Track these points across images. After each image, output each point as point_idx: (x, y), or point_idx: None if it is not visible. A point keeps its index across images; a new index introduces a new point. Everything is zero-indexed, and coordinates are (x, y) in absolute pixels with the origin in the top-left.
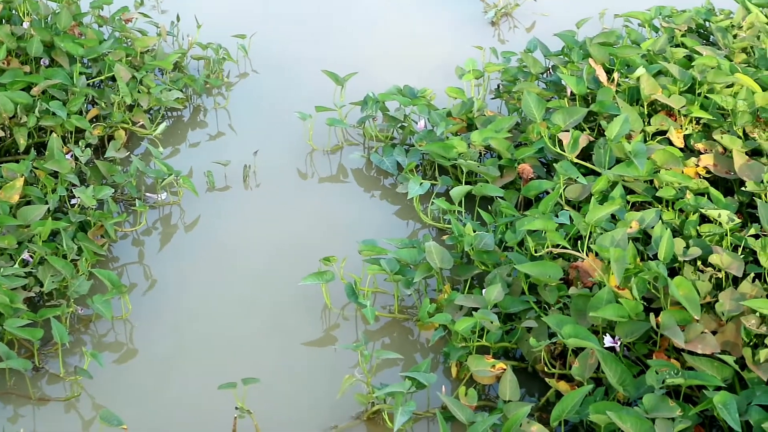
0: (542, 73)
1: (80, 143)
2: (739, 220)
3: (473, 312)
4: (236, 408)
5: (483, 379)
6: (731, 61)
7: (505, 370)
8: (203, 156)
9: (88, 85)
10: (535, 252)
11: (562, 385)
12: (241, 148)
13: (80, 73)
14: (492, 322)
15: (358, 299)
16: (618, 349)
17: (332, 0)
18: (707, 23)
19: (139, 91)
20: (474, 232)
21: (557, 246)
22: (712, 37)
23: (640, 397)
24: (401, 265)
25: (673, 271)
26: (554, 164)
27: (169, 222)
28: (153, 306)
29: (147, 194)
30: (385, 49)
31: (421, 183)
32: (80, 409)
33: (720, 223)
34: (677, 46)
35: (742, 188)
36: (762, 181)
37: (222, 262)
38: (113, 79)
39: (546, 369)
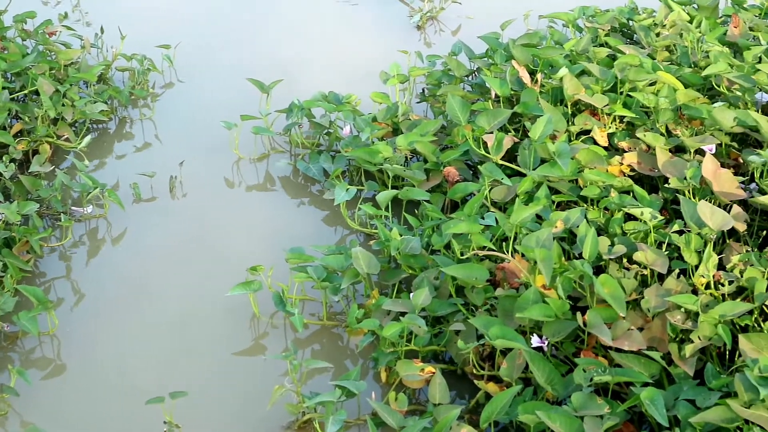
0: (467, 76)
1: (4, 158)
2: (663, 217)
3: (401, 316)
4: (164, 422)
5: (412, 383)
6: (654, 59)
7: (434, 373)
8: (129, 168)
9: (12, 99)
10: (462, 254)
11: (491, 387)
12: (167, 158)
13: (3, 88)
14: (420, 327)
15: (286, 308)
16: (546, 348)
17: (257, 7)
18: (630, 22)
19: (63, 105)
20: (400, 236)
21: (483, 248)
22: (635, 36)
23: (569, 395)
24: (328, 271)
25: (600, 270)
26: (480, 166)
27: (96, 236)
28: (81, 321)
29: (73, 208)
30: (310, 56)
31: (348, 189)
32: (8, 426)
33: (644, 221)
34: (601, 45)
35: (666, 185)
36: (685, 178)
37: (149, 274)
38: (37, 93)
39: (475, 371)
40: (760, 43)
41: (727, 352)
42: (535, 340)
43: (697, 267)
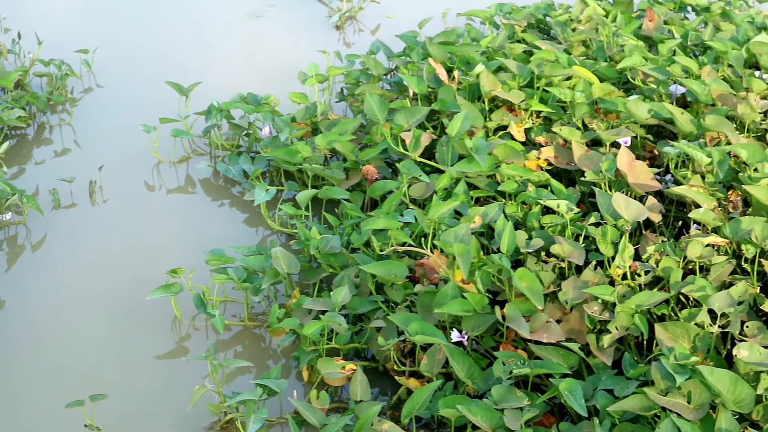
0: (385, 75)
1: None
2: (579, 210)
3: (321, 315)
4: (85, 426)
5: (334, 381)
6: (570, 54)
7: (355, 370)
8: (49, 174)
9: None
10: (381, 251)
11: (412, 382)
12: (86, 164)
13: None
14: (340, 324)
15: (206, 309)
16: (466, 343)
17: (175, 11)
18: (547, 18)
19: None
20: (320, 235)
21: (403, 244)
22: (552, 31)
23: (490, 389)
24: (249, 272)
25: (519, 264)
26: (398, 164)
27: (15, 242)
28: (0, 327)
29: None
30: (229, 58)
31: (267, 189)
32: None
33: (561, 214)
34: (518, 42)
35: (582, 178)
36: (601, 171)
37: (70, 279)
38: None
39: (396, 367)
40: (674, 36)
41: (645, 342)
42: (454, 335)
43: (613, 258)
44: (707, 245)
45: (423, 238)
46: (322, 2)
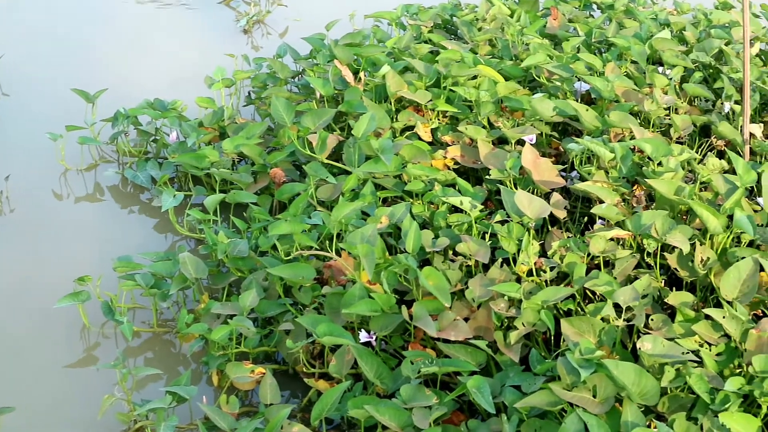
0: (293, 78)
1: None
2: (483, 208)
3: (230, 319)
4: None
5: (243, 385)
6: (476, 53)
7: (264, 374)
8: None
9: None
10: (287, 255)
11: (322, 384)
12: None
13: None
14: (248, 328)
15: (114, 316)
16: (374, 343)
17: (80, 17)
18: (454, 18)
19: None
20: (228, 239)
21: (310, 248)
22: (459, 31)
23: (399, 388)
24: (157, 278)
25: (427, 263)
26: (305, 166)
27: None
28: None
29: None
30: (136, 63)
31: (175, 195)
32: None
33: (468, 213)
34: (425, 42)
35: (488, 176)
36: (506, 169)
37: None
38: None
39: (305, 369)
40: (579, 34)
41: (552, 337)
42: (363, 336)
43: (519, 255)
44: (611, 240)
45: (330, 240)
46: (230, 7)
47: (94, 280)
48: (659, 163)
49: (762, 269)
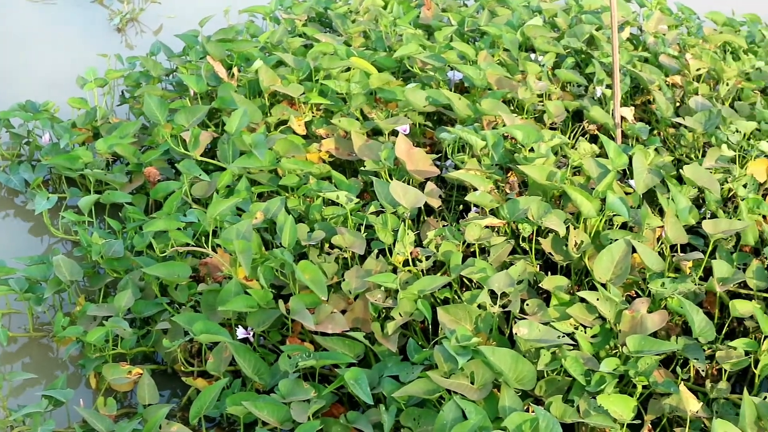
0: (167, 75)
1: None
2: (358, 200)
3: (105, 321)
4: None
5: (121, 386)
6: (350, 46)
7: (141, 374)
8: None
9: None
10: (162, 253)
11: (200, 382)
12: None
13: None
14: (124, 329)
15: None
16: (252, 339)
17: None
18: (328, 11)
19: None
20: (102, 240)
21: (187, 245)
22: (333, 24)
23: (277, 383)
24: (31, 282)
25: (304, 257)
26: (178, 164)
27: None
28: None
29: None
30: (7, 65)
31: (48, 197)
32: None
33: (343, 205)
34: (299, 36)
35: (362, 168)
36: (380, 160)
37: None
38: None
39: (184, 368)
40: (452, 23)
41: (430, 326)
42: (240, 332)
43: (394, 245)
44: (486, 227)
45: (206, 237)
46: (104, 5)
47: None
48: (531, 149)
49: (634, 251)
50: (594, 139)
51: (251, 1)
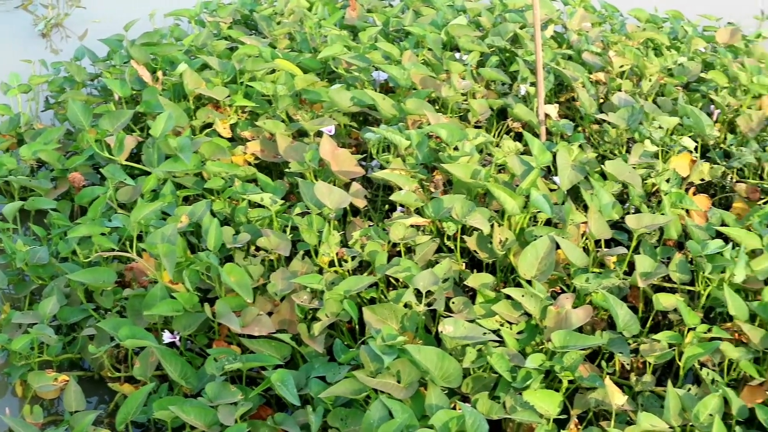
0: (92, 80)
1: None
2: (283, 202)
3: (30, 328)
4: None
5: (47, 394)
6: (275, 48)
7: (68, 381)
8: None
9: None
10: (86, 259)
11: (127, 388)
12: None
13: None
14: (50, 336)
15: None
16: (178, 343)
17: None
18: (253, 13)
19: None
20: (27, 247)
21: (112, 250)
22: (259, 26)
23: (204, 387)
24: None
25: (230, 260)
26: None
27: None
28: None
29: None
30: None
31: None
32: None
33: (268, 207)
34: (225, 38)
35: (287, 169)
36: (305, 161)
37: None
38: None
39: (110, 374)
40: (377, 23)
41: (357, 326)
42: (166, 336)
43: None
44: (411, 226)
45: (132, 242)
46: (28, 11)
47: None
48: (455, 148)
49: (558, 247)
50: (519, 137)
51: (177, 4)
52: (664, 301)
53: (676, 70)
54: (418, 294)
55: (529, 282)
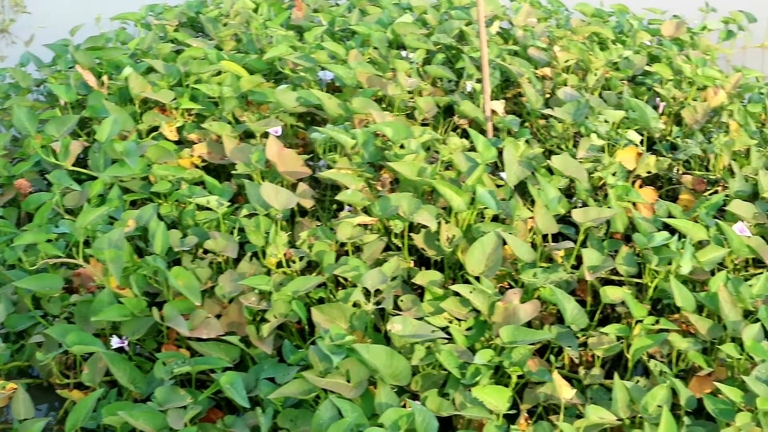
0: (38, 86)
1: None
2: (228, 204)
3: None
4: None
5: None
6: (221, 49)
7: (16, 389)
8: None
9: None
10: (32, 266)
11: (76, 394)
12: None
13: None
14: None
15: None
16: (127, 348)
17: None
18: (199, 15)
19: None
20: None
21: (58, 257)
22: (205, 28)
23: (154, 391)
24: None
25: (178, 263)
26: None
27: None
28: None
29: None
30: None
31: None
32: None
33: (214, 209)
34: (171, 41)
35: (234, 171)
36: (252, 162)
37: None
38: None
39: (59, 381)
40: (323, 23)
41: (306, 327)
42: (114, 342)
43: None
44: (359, 225)
45: (79, 248)
46: None
47: None
48: (402, 146)
49: (505, 243)
50: (465, 134)
51: (122, 8)
52: (611, 294)
53: (622, 63)
54: (366, 293)
55: (477, 278)
